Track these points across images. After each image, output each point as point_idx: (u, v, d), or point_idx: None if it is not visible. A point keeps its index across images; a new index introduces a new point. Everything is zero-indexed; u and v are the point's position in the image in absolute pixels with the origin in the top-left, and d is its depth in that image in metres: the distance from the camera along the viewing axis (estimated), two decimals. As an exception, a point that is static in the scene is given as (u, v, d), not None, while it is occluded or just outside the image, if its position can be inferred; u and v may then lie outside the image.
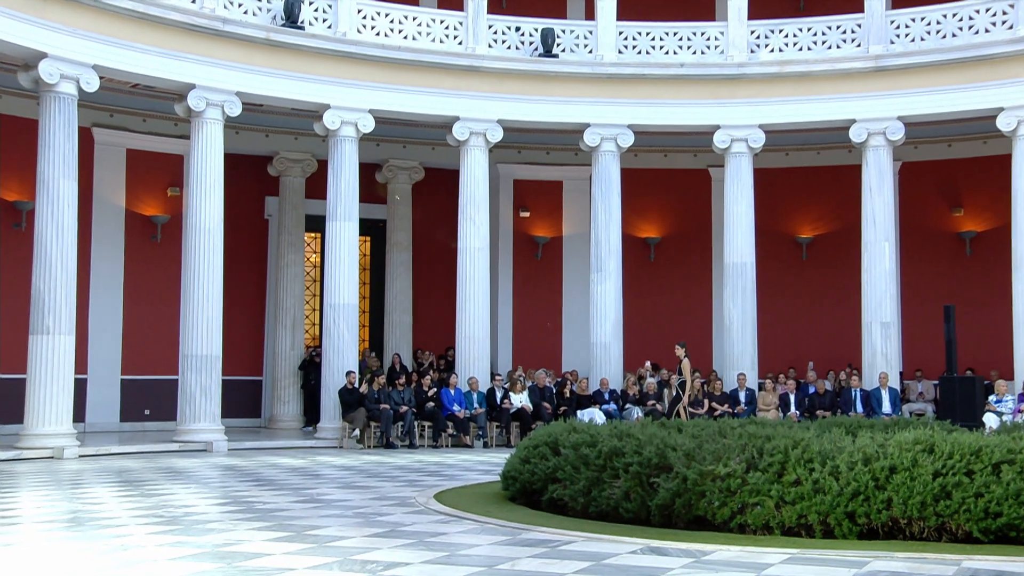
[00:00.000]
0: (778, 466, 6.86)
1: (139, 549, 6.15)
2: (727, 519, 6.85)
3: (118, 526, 7.11)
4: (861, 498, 6.53)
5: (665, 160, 21.08)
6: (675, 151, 20.86)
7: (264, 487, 10.00)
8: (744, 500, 6.81)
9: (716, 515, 6.88)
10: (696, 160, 20.87)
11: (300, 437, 17.47)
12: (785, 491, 6.72)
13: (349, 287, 16.82)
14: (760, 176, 18.54)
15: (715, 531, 6.85)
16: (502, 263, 20.80)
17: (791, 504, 6.68)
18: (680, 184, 21.15)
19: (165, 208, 18.89)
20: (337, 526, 7.22)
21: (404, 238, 20.61)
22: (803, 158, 20.69)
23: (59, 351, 13.87)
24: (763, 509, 6.73)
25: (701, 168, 20.90)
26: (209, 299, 15.48)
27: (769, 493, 6.75)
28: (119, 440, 16.22)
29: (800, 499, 6.66)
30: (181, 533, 6.79)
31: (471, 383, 16.99)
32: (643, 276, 20.78)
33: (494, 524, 7.31)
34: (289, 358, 19.55)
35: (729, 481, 6.89)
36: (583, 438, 8.08)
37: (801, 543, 6.43)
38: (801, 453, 6.89)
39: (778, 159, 20.34)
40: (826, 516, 6.58)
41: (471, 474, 11.62)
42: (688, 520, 7.03)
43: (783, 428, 7.91)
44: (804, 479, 6.72)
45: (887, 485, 6.52)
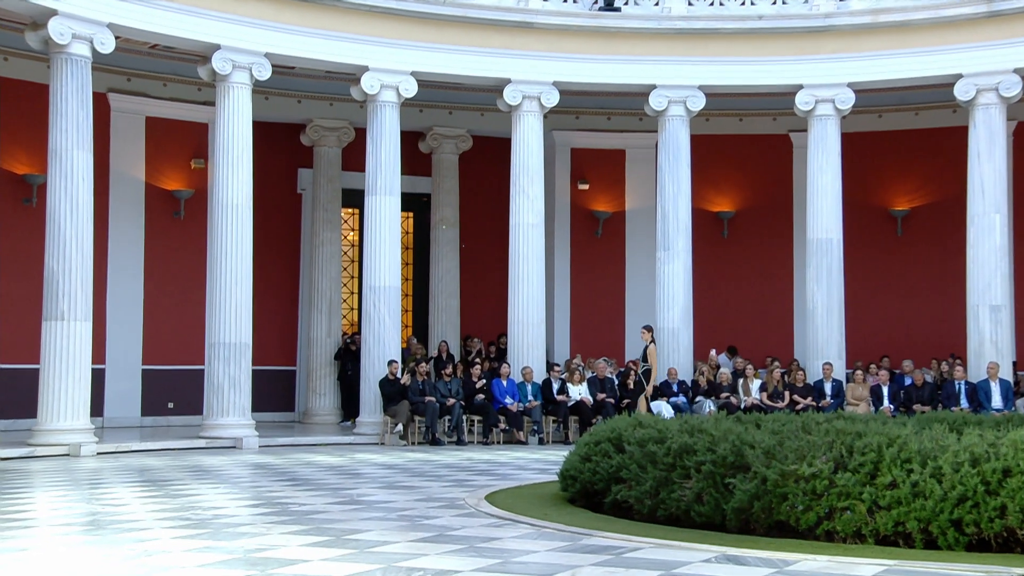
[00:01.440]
0: (871, 466, 6.74)
1: (164, 555, 6.24)
2: (812, 525, 6.75)
3: (141, 529, 7.22)
4: (969, 504, 6.38)
5: (740, 125, 20.82)
6: (752, 114, 20.59)
7: (299, 487, 10.10)
8: (832, 504, 6.71)
9: (800, 520, 6.79)
10: (776, 124, 20.58)
11: (337, 432, 17.64)
12: (879, 495, 6.60)
13: (390, 268, 16.90)
14: (849, 141, 18.20)
15: (799, 538, 6.76)
16: (558, 241, 20.75)
17: (886, 509, 6.56)
18: (757, 151, 20.88)
19: (188, 182, 19.14)
20: (379, 530, 7.26)
21: (451, 214, 20.65)
22: (899, 120, 20.27)
23: (75, 339, 14.13)
24: (854, 514, 6.62)
25: (781, 133, 20.61)
26: (237, 281, 15.66)
27: (860, 496, 6.64)
28: (140, 436, 16.52)
29: (897, 504, 6.54)
30: (209, 537, 6.88)
31: (525, 373, 17.00)
32: (715, 255, 20.60)
33: (552, 528, 7.30)
34: (325, 346, 19.74)
35: (814, 483, 6.79)
36: (650, 434, 8.04)
37: (899, 553, 6.31)
38: (897, 452, 6.76)
39: (869, 122, 19.96)
40: (927, 524, 6.44)
41: (525, 473, 11.63)
42: (768, 526, 6.96)
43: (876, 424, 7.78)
44: (901, 481, 6.59)
45: (1000, 490, 6.35)
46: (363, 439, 16.50)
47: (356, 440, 16.46)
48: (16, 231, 17.12)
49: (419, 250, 21.58)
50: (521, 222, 17.45)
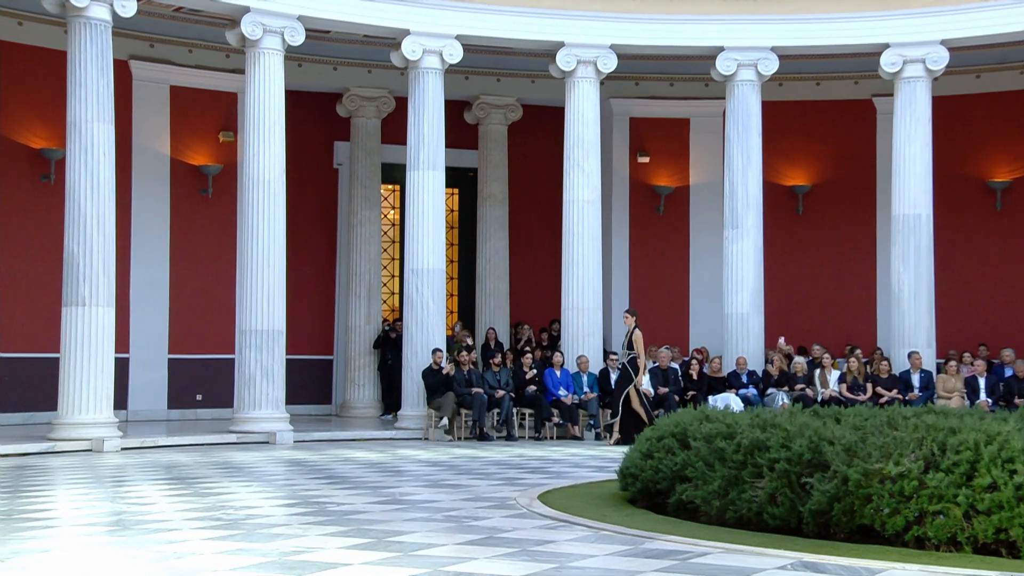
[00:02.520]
0: (967, 466, 6.63)
1: (194, 557, 6.32)
2: (900, 530, 6.66)
3: (169, 530, 7.32)
4: (1082, 509, 6.25)
5: (818, 90, 20.55)
6: (831, 78, 20.32)
7: (337, 485, 10.19)
8: (922, 507, 6.61)
9: (886, 525, 6.71)
10: (857, 89, 20.29)
11: (378, 427, 17.77)
12: (977, 498, 6.49)
13: (434, 249, 16.94)
14: (941, 105, 17.89)
15: (885, 544, 6.68)
16: (616, 219, 20.68)
17: (985, 514, 6.45)
18: (837, 119, 20.61)
19: (217, 156, 19.32)
20: (424, 531, 7.29)
21: (499, 190, 20.65)
22: (999, 81, 19.85)
23: (97, 326, 14.35)
24: (948, 519, 6.52)
25: (863, 98, 20.33)
26: (270, 264, 15.80)
27: (955, 499, 6.53)
28: (167, 430, 16.77)
29: (998, 508, 6.42)
30: (242, 539, 6.95)
31: (580, 363, 16.98)
32: (789, 233, 20.41)
33: (611, 531, 7.29)
34: (364, 333, 19.87)
35: (902, 483, 6.69)
36: (718, 429, 8.00)
37: (1002, 564, 6.20)
38: (997, 450, 6.64)
39: (965, 83, 19.60)
40: (1033, 530, 6.32)
41: (581, 471, 11.63)
42: (850, 530, 6.88)
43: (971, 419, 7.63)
44: (1003, 483, 6.46)
45: (1119, 494, 6.21)
46: (405, 434, 16.60)
47: (398, 435, 16.56)
48: (33, 210, 17.41)
49: (465, 229, 21.62)
50: (576, 198, 17.40)
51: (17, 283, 17.24)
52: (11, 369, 17.13)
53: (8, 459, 13.00)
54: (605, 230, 18.91)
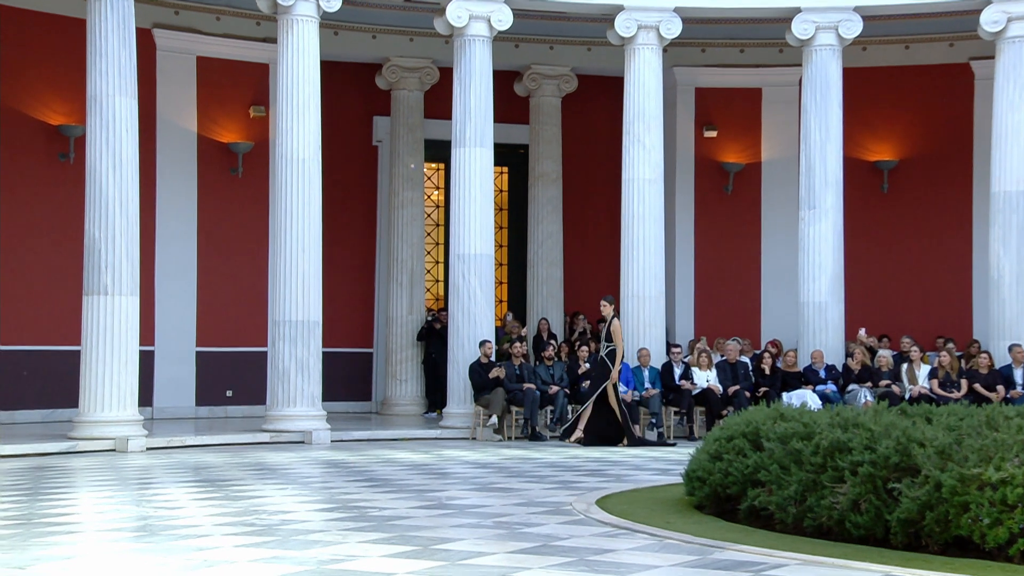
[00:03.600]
0: (1077, 471, 6.51)
1: (227, 565, 6.39)
2: (1003, 543, 6.55)
3: (199, 536, 7.41)
4: None
5: (907, 54, 20.27)
6: (922, 40, 20.03)
7: (378, 488, 10.25)
8: (1028, 518, 6.50)
9: (986, 537, 6.61)
10: (953, 52, 19.99)
11: (421, 425, 17.85)
12: (1089, 507, 6.38)
13: (482, 233, 16.96)
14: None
15: (985, 559, 6.59)
16: (680, 199, 20.60)
17: (1098, 525, 6.33)
18: (928, 85, 20.34)
19: (247, 133, 19.46)
20: (473, 539, 7.31)
21: (552, 168, 20.62)
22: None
23: (120, 316, 14.52)
24: (1057, 531, 6.41)
25: (960, 62, 20.04)
26: (304, 249, 15.89)
27: (1064, 509, 6.42)
28: (195, 429, 16.96)
29: (1111, 518, 6.31)
30: (277, 545, 7.01)
31: (641, 356, 16.93)
32: (873, 213, 20.22)
33: (676, 539, 7.27)
34: (406, 324, 19.96)
35: (1004, 490, 6.59)
36: (794, 428, 7.94)
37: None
38: (1115, 454, 6.52)
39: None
40: None
41: (643, 474, 11.61)
42: (944, 542, 6.79)
43: (1084, 420, 7.51)
44: (1120, 491, 6.35)
45: None
46: (451, 433, 16.66)
47: (443, 434, 16.63)
48: (51, 191, 17.65)
49: (515, 211, 21.62)
50: (636, 177, 17.33)
51: (35, 271, 17.50)
52: (30, 363, 17.40)
53: (27, 459, 13.22)
54: (668, 211, 18.82)
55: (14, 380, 17.24)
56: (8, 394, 17.14)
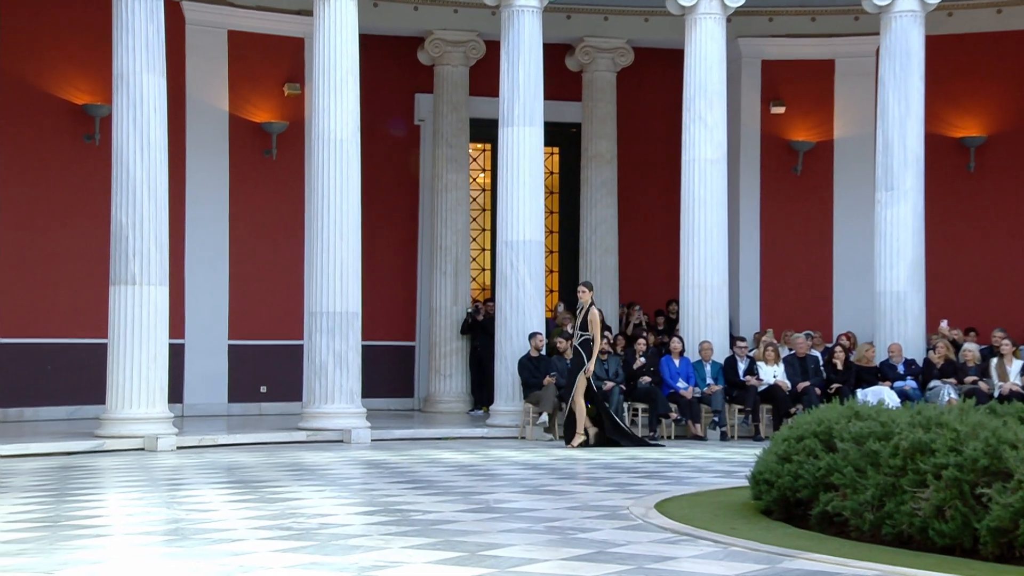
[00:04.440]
0: None
1: (262, 571, 6.44)
2: (1108, 556, 6.47)
3: (233, 540, 7.47)
4: None
5: (999, 19, 19.98)
6: (1016, 2, 19.69)
7: (422, 490, 10.29)
8: None
9: (1084, 547, 6.52)
10: (1052, 16, 19.69)
11: (467, 423, 17.88)
12: None
13: (531, 218, 16.95)
14: None
15: (1086, 572, 6.50)
16: (745, 180, 20.50)
17: None
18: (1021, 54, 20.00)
19: (281, 112, 19.57)
20: (524, 544, 7.32)
21: (606, 148, 20.57)
22: None
23: (149, 307, 14.65)
24: None
25: (1060, 27, 19.75)
26: (343, 235, 15.96)
27: None
28: (227, 427, 17.11)
29: None
30: (316, 551, 7.06)
31: (703, 350, 16.87)
32: (957, 194, 20.03)
33: (742, 547, 7.24)
34: (451, 316, 20.02)
35: (1107, 497, 6.50)
36: (870, 428, 7.88)
37: None
38: None
39: None
40: None
41: (705, 476, 11.58)
42: (1041, 553, 6.71)
43: None
44: None
45: None
46: (499, 432, 16.70)
47: (490, 433, 16.67)
48: (76, 175, 17.86)
49: (567, 194, 21.60)
50: (697, 157, 17.24)
51: (60, 259, 17.71)
52: (55, 357, 17.63)
53: (53, 459, 13.39)
54: (731, 194, 18.72)
55: (38, 375, 17.49)
56: (32, 390, 17.40)
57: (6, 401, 17.25)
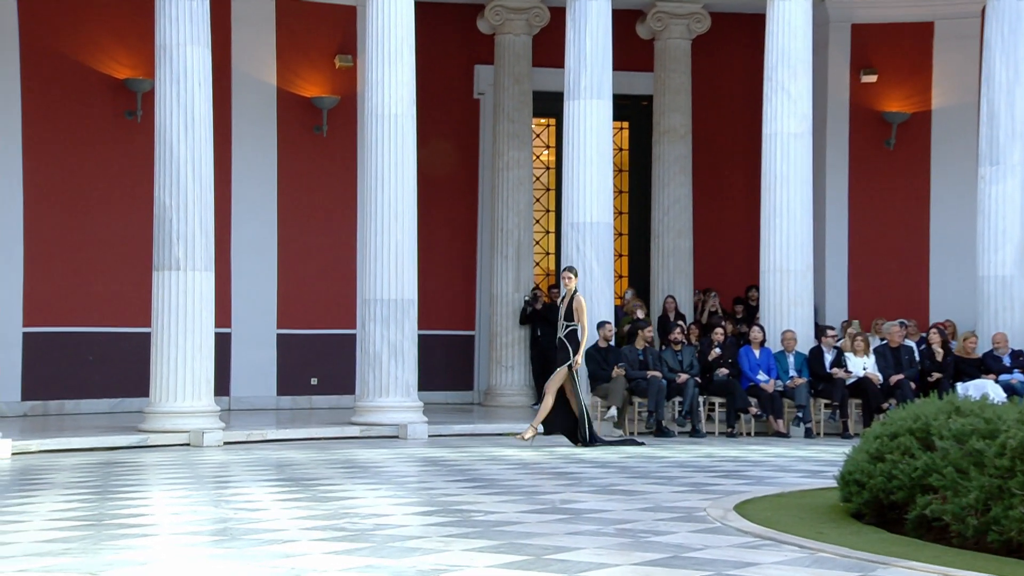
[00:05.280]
0: None
1: (315, 574, 6.50)
2: None
3: (284, 541, 7.54)
4: None
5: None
6: None
7: (483, 489, 10.33)
8: None
9: None
10: None
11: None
12: None
13: (598, 197, 16.93)
14: None
15: None
16: (832, 156, 20.36)
17: None
18: None
19: (332, 86, 19.66)
20: (593, 548, 7.33)
21: (680, 122, 20.47)
22: None
23: (194, 294, 14.80)
24: None
25: None
26: (398, 217, 16.02)
27: None
28: (276, 421, 17.25)
29: None
30: (371, 553, 7.11)
31: (785, 340, 16.78)
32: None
33: (830, 552, 7.19)
34: (512, 303, 20.05)
35: None
36: (973, 424, 7.79)
37: None
38: None
39: None
40: None
41: (788, 476, 11.52)
42: None
43: None
44: None
45: None
46: (565, 428, 16.70)
47: (555, 429, 16.68)
48: (117, 153, 18.07)
49: (637, 172, 21.53)
50: (779, 131, 17.11)
51: (100, 243, 17.96)
52: (96, 347, 17.89)
53: (95, 454, 13.62)
54: (817, 171, 18.57)
55: (79, 366, 17.77)
56: (73, 381, 17.69)
57: (46, 393, 17.55)
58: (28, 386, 17.51)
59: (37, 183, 17.60)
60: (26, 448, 13.56)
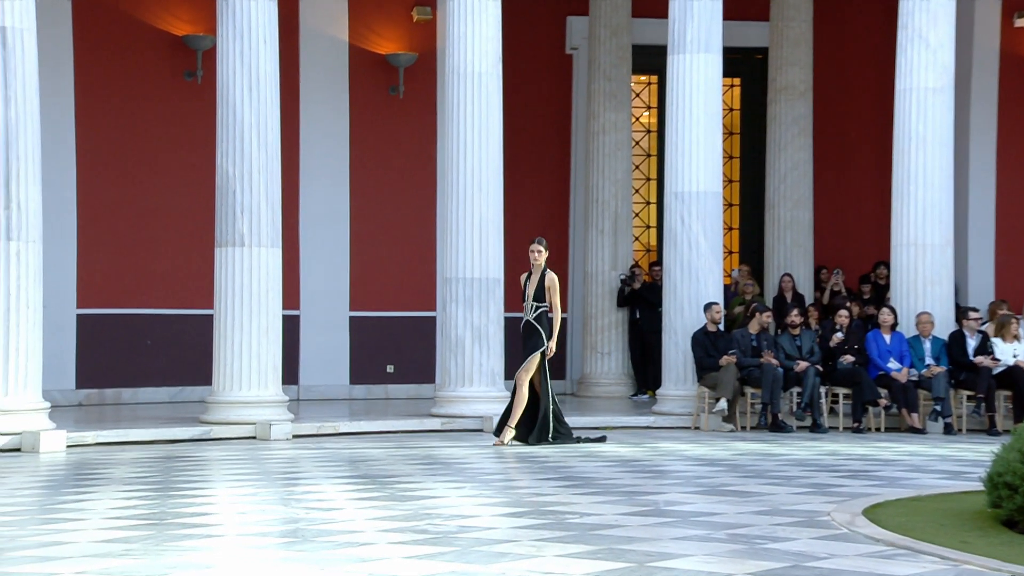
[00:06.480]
0: None
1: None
2: None
3: (360, 544, 7.62)
4: None
5: None
6: None
7: (578, 489, 10.35)
8: None
9: None
10: None
11: (629, 410, 17.93)
12: None
13: (706, 164, 16.84)
14: None
15: None
16: (978, 114, 20.17)
17: None
18: None
19: (409, 42, 19.72)
20: (701, 555, 7.32)
21: (799, 77, 20.29)
22: None
23: (259, 273, 14.97)
24: None
25: None
26: (482, 187, 16.05)
27: None
28: (349, 412, 17.44)
29: None
30: (456, 558, 7.16)
31: (921, 323, 16.59)
32: None
33: (976, 565, 7.10)
34: (609, 282, 20.05)
35: None
36: None
37: None
38: None
39: None
40: None
41: (926, 477, 11.41)
42: None
43: None
44: None
45: None
46: (667, 421, 16.69)
47: (657, 422, 16.67)
48: (176, 119, 18.31)
49: (750, 136, 21.41)
50: (914, 85, 16.89)
51: (160, 217, 18.22)
52: (155, 330, 18.18)
53: (155, 447, 13.88)
54: (959, 131, 18.27)
55: (137, 351, 18.07)
56: (130, 368, 18.01)
57: (102, 381, 17.89)
58: (83, 373, 17.84)
59: (91, 153, 17.87)
60: (82, 440, 13.84)
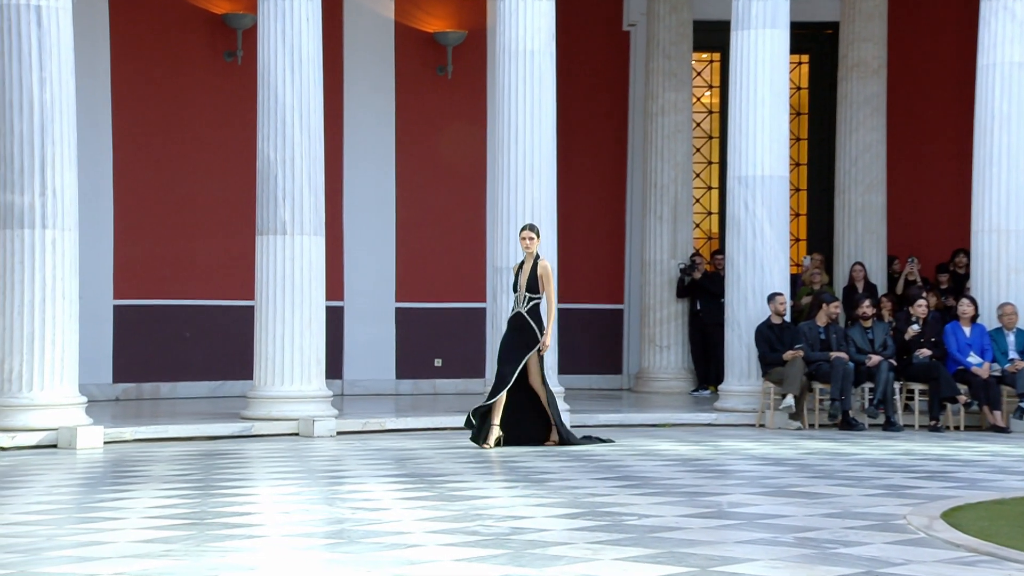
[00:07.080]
0: None
1: (445, 582, 6.67)
2: None
3: (408, 546, 7.67)
4: None
5: None
6: None
7: (636, 489, 10.37)
8: None
9: None
10: None
11: (690, 406, 17.92)
12: None
13: (771, 146, 16.80)
14: None
15: None
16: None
17: None
18: None
19: (459, 19, 19.74)
20: (767, 560, 7.32)
21: (872, 54, 20.17)
22: None
23: (302, 262, 15.06)
24: None
25: None
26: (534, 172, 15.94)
27: None
28: (396, 408, 17.52)
29: None
30: (509, 561, 7.19)
31: (1004, 315, 16.49)
32: None
33: (1064, 574, 7.09)
34: (668, 272, 20.03)
35: None
36: None
37: None
38: None
39: None
40: None
41: (1009, 479, 11.36)
42: None
43: None
44: None
45: None
46: (730, 418, 16.70)
47: (719, 419, 16.68)
48: (215, 101, 18.43)
49: (819, 116, 21.32)
50: (999, 60, 16.75)
51: (198, 204, 18.35)
52: (196, 322, 18.31)
53: (195, 443, 14.02)
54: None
55: (175, 344, 18.20)
56: (169, 361, 18.16)
57: (140, 375, 18.06)
58: (120, 366, 18.00)
59: (127, 137, 17.99)
60: (119, 436, 14.01)
